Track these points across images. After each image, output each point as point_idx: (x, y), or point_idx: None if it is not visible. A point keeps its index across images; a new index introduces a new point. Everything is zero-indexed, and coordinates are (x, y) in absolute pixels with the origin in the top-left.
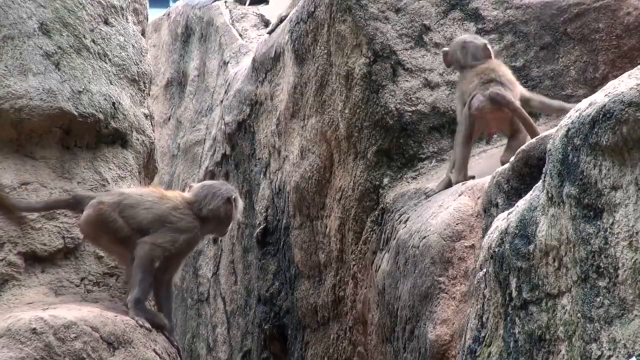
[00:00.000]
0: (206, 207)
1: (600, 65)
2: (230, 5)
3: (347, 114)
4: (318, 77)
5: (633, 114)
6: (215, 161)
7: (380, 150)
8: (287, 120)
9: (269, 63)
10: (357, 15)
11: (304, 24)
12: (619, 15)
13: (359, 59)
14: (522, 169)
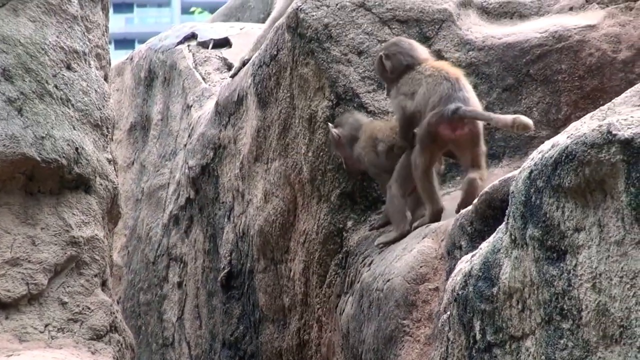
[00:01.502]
0: None
1: (563, 107)
2: (194, 49)
3: (310, 157)
4: (281, 120)
5: (595, 156)
6: (180, 205)
7: (344, 193)
8: (251, 164)
9: (232, 107)
10: (319, 59)
11: (266, 67)
12: (581, 57)
13: (321, 102)
14: (486, 211)
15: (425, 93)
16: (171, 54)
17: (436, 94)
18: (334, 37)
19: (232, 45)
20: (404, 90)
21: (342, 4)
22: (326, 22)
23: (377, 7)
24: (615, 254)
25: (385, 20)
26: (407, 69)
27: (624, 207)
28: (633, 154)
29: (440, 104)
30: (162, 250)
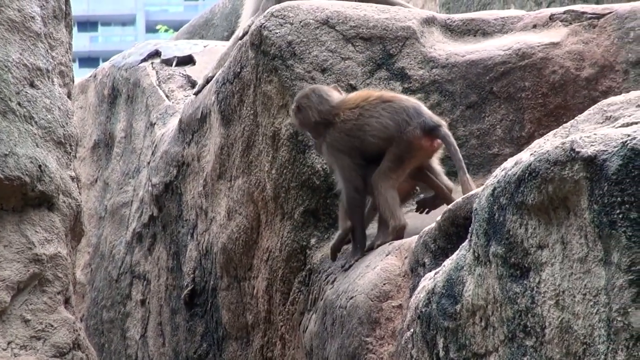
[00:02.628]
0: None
1: (527, 124)
2: (157, 67)
3: (273, 175)
4: (245, 138)
5: (558, 173)
6: (143, 223)
7: (307, 210)
8: (214, 182)
9: (195, 124)
10: (283, 76)
11: (230, 84)
12: (545, 74)
13: (285, 119)
14: (449, 229)
15: (384, 119)
16: (135, 72)
17: (402, 113)
18: (298, 55)
19: (195, 63)
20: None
21: (305, 21)
22: (290, 40)
23: (341, 24)
24: (579, 271)
25: (348, 37)
26: (323, 124)
27: (587, 225)
28: (596, 171)
29: (414, 118)
30: (125, 268)
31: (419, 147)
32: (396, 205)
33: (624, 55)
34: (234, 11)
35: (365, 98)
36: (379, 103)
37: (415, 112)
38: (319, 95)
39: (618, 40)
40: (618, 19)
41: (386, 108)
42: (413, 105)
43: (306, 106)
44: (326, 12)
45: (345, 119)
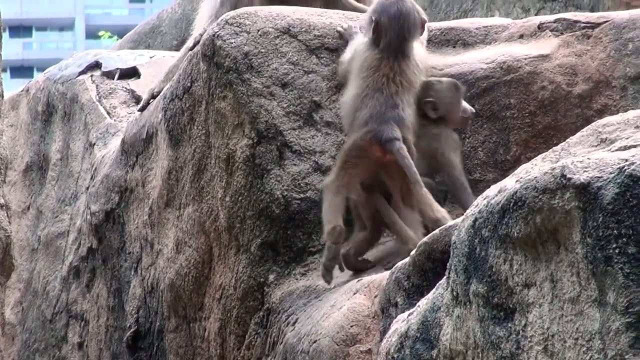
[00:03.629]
0: None
1: (512, 146)
2: (97, 80)
3: (227, 202)
4: (195, 160)
5: (547, 202)
6: (81, 256)
7: (265, 242)
8: (161, 210)
9: (140, 145)
10: (238, 91)
11: (179, 100)
12: (533, 90)
13: (241, 140)
14: (425, 264)
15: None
16: (72, 86)
17: (366, 109)
18: (255, 67)
19: (140, 76)
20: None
21: (264, 30)
22: (246, 51)
23: (304, 33)
24: (570, 313)
25: (312, 48)
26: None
27: (580, 260)
28: (590, 200)
29: (371, 122)
30: (60, 307)
31: (364, 153)
32: (330, 211)
33: (621, 69)
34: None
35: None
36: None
37: (378, 118)
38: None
39: (615, 53)
40: (615, 29)
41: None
42: (383, 112)
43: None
44: (287, 20)
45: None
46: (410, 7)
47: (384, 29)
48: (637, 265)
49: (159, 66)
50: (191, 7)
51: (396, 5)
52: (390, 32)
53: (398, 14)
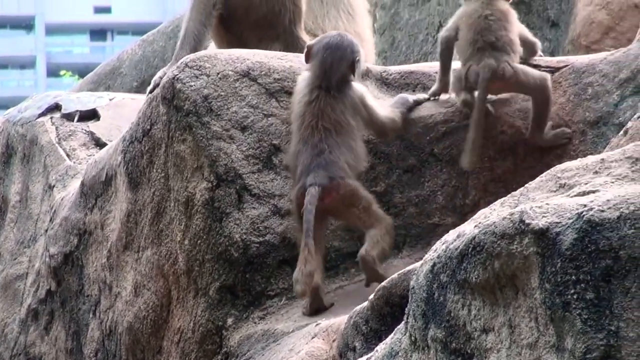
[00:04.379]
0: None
1: (471, 191)
2: (57, 122)
3: (186, 246)
4: (154, 203)
5: (506, 248)
6: (39, 298)
7: (224, 286)
8: (120, 253)
9: (99, 187)
10: (198, 134)
11: (138, 143)
12: (492, 134)
13: (200, 184)
14: (383, 308)
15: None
16: (32, 127)
17: (299, 165)
18: (215, 111)
19: (100, 118)
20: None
21: (224, 73)
22: (206, 94)
23: (264, 77)
24: (528, 359)
25: (272, 91)
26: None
27: (538, 306)
28: (548, 246)
29: (302, 177)
30: (18, 349)
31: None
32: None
33: (580, 113)
34: (144, 59)
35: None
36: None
37: (306, 171)
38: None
39: (574, 97)
40: (574, 74)
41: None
42: (309, 163)
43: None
44: (247, 63)
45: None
46: (344, 42)
47: (312, 57)
48: (595, 311)
49: (119, 108)
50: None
51: (330, 38)
52: (315, 60)
53: (328, 45)
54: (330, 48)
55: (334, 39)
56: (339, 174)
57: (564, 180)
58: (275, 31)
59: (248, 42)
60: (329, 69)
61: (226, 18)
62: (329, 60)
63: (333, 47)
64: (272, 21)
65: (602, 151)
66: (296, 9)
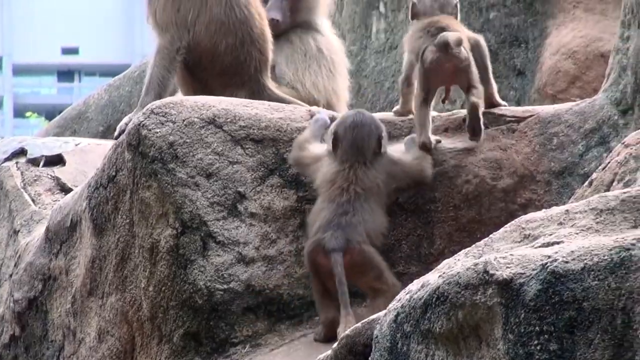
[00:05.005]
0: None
1: (436, 240)
2: (23, 167)
3: (151, 292)
4: (119, 250)
5: (470, 298)
6: (3, 343)
7: (188, 333)
8: (84, 299)
9: (64, 233)
10: (163, 181)
11: (103, 189)
12: (457, 184)
13: (165, 230)
14: (346, 357)
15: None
16: None
17: (319, 220)
18: (180, 157)
19: (66, 163)
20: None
21: (189, 120)
22: (171, 140)
23: (229, 124)
24: None
25: (237, 139)
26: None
27: (501, 356)
28: (512, 296)
29: (319, 232)
30: None
31: (314, 263)
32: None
33: (546, 164)
34: (110, 104)
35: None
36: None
37: (326, 227)
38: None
39: (540, 147)
40: (540, 124)
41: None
42: (331, 219)
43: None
44: (213, 110)
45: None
46: (366, 119)
47: (340, 140)
48: None
49: (85, 154)
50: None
51: (353, 117)
52: (344, 141)
53: (353, 125)
54: (357, 126)
55: (358, 118)
56: (357, 238)
57: (529, 230)
58: (241, 79)
59: (214, 89)
60: (360, 144)
61: (192, 65)
62: (359, 137)
63: (359, 125)
64: (238, 69)
65: (567, 202)
66: (262, 57)
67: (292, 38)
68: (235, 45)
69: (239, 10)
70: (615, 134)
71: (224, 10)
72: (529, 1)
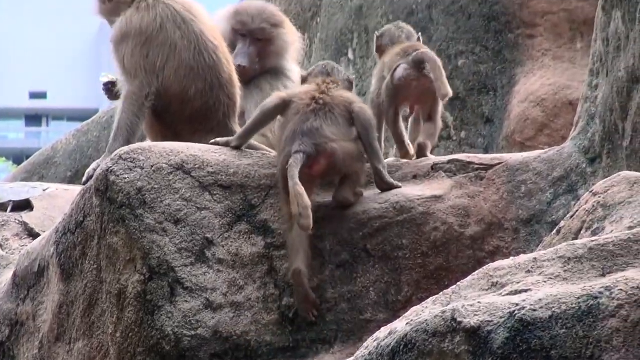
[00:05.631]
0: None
1: (404, 287)
2: None
3: (118, 338)
4: (86, 295)
5: (437, 346)
6: None
7: None
8: (51, 344)
9: (31, 278)
10: (131, 227)
11: (71, 235)
12: (425, 231)
13: (132, 276)
14: None
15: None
16: None
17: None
18: (148, 203)
19: (33, 209)
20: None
21: (158, 166)
22: (140, 186)
23: (197, 170)
24: None
25: (205, 185)
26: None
27: None
28: (480, 344)
29: (286, 145)
30: None
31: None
32: (291, 251)
33: (514, 211)
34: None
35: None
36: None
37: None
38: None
39: (508, 195)
40: (508, 171)
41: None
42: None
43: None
44: (181, 156)
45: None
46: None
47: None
48: None
49: (53, 199)
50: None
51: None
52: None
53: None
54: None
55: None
56: (324, 140)
57: (497, 278)
58: (210, 124)
59: (182, 135)
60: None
61: (160, 110)
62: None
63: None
64: (207, 114)
65: (535, 250)
66: (231, 102)
67: (262, 84)
68: (205, 90)
69: (207, 55)
70: (583, 182)
71: (193, 55)
72: (497, 49)
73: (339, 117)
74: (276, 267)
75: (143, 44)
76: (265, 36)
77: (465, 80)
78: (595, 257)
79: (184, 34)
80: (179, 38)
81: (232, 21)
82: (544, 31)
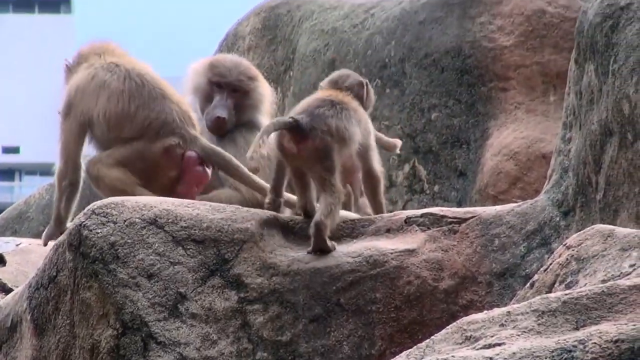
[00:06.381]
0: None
1: (377, 341)
2: None
3: None
4: (59, 350)
5: None
6: None
7: None
8: None
9: (4, 333)
10: (104, 281)
11: (44, 290)
12: (399, 285)
13: (105, 331)
14: None
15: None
16: None
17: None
18: (121, 258)
19: (6, 263)
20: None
21: (131, 220)
22: (113, 241)
23: (171, 224)
24: None
25: (179, 239)
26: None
27: None
28: None
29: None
30: None
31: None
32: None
33: (487, 265)
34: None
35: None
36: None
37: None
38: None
39: (481, 249)
40: (482, 225)
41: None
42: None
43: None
44: (154, 211)
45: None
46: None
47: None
48: None
49: (25, 254)
50: None
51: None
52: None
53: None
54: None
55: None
56: (322, 128)
57: (470, 332)
58: (169, 127)
59: (146, 142)
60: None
61: (112, 138)
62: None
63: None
64: (159, 121)
65: (508, 303)
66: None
67: (237, 138)
68: (146, 102)
69: (138, 80)
70: (556, 236)
71: (122, 82)
72: (470, 102)
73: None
74: (249, 321)
75: (80, 101)
76: (242, 88)
77: (438, 133)
78: (569, 310)
79: (113, 72)
80: (109, 77)
81: (208, 73)
82: (516, 84)
